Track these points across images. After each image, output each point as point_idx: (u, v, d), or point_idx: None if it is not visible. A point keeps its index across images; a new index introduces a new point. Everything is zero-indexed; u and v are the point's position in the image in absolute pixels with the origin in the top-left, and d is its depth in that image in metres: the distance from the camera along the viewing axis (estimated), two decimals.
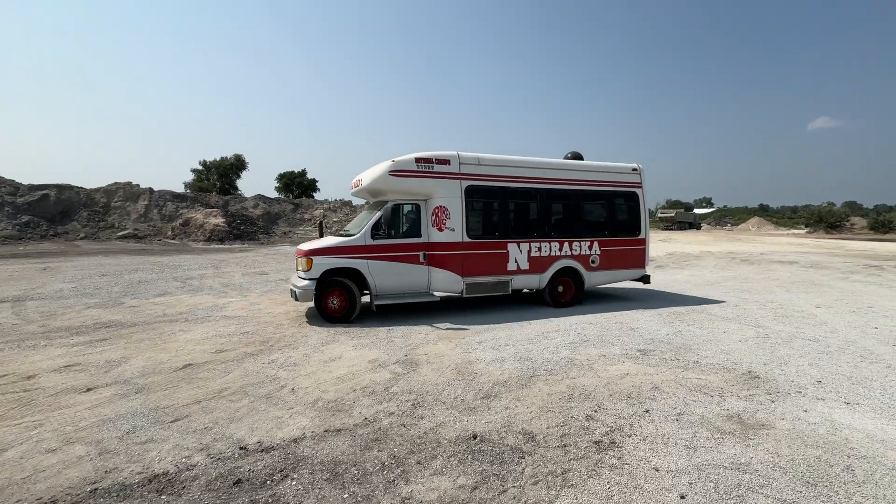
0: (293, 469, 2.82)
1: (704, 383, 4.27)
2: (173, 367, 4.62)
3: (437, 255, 7.08)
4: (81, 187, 24.98)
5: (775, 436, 3.27)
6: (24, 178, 25.89)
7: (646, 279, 8.62)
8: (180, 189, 33.37)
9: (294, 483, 2.68)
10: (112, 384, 4.16)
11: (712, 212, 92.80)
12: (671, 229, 49.71)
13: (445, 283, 7.14)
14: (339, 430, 3.33)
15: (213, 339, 5.68)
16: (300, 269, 6.86)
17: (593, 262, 8.11)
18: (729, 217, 74.89)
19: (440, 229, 7.09)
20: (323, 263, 6.66)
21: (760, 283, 10.91)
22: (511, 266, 7.55)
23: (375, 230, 6.89)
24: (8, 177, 23.48)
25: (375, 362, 4.85)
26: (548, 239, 7.81)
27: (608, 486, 2.67)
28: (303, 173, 46.23)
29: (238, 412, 3.61)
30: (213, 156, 45.16)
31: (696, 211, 78.04)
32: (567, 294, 8.01)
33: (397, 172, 6.97)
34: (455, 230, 7.13)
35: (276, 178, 46.17)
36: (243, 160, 42.62)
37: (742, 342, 5.67)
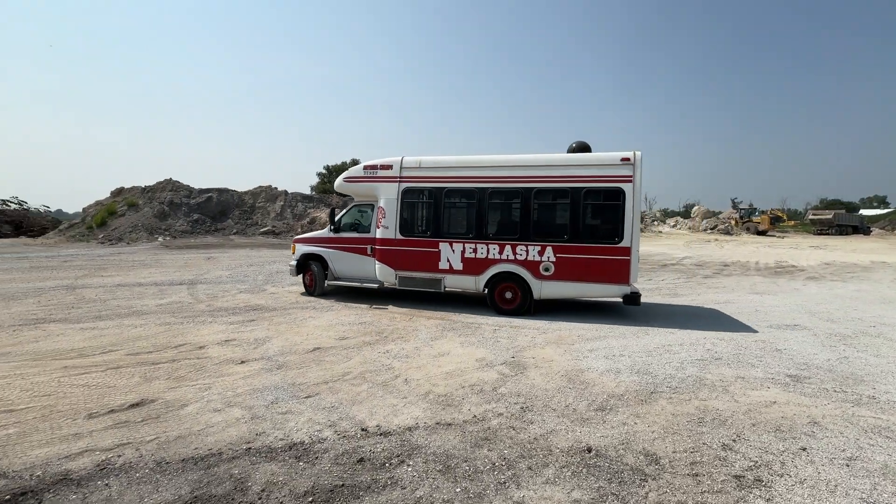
0: (409, 456, 2.98)
1: (886, 424, 3.47)
2: (305, 349, 5.22)
3: (377, 250, 8.03)
4: (235, 190, 29.69)
5: None
6: (196, 183, 31.65)
7: (631, 299, 6.74)
8: (308, 191, 37.75)
9: (410, 469, 2.83)
10: (259, 359, 4.85)
11: (887, 213, 74.90)
12: (826, 233, 41.48)
13: (383, 273, 7.96)
14: (450, 424, 3.43)
15: (336, 327, 6.30)
16: (292, 252, 8.99)
17: (546, 269, 7.11)
18: None
19: (379, 227, 8.00)
20: (300, 249, 8.84)
21: None
22: (443, 265, 7.60)
23: (336, 226, 8.53)
24: (185, 182, 29.00)
25: (483, 361, 4.90)
26: (485, 241, 7.42)
27: None
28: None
29: (359, 396, 3.94)
30: (335, 160, 50.07)
31: (864, 212, 63.89)
32: (514, 302, 7.32)
33: (350, 179, 8.26)
34: (389, 228, 7.88)
35: None
36: (358, 162, 46.47)
37: None
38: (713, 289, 10.34)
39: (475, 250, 7.46)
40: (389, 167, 7.99)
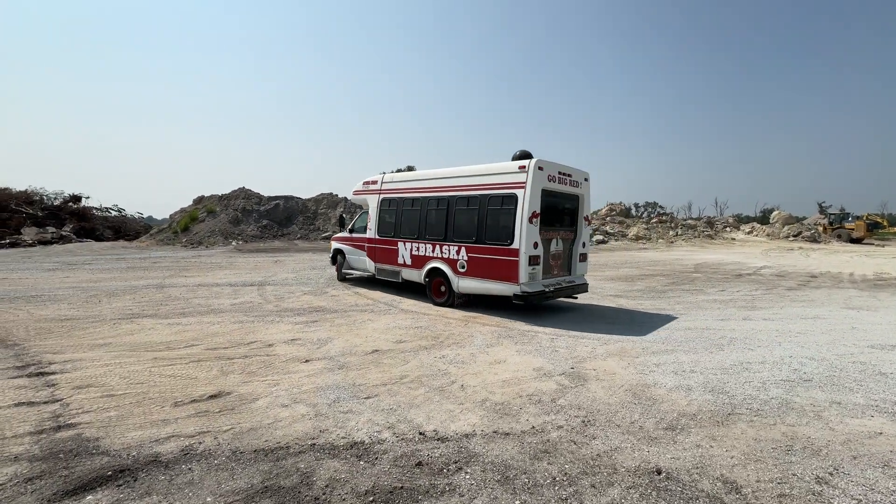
0: (466, 463, 2.96)
1: None
2: (364, 351, 5.39)
3: (366, 247, 10.16)
4: (299, 197, 31.52)
5: None
6: (265, 191, 34.02)
7: (520, 299, 7.15)
8: None
9: (468, 477, 2.81)
10: (322, 359, 5.08)
11: None
12: None
13: (369, 265, 10.08)
14: (508, 433, 3.37)
15: (393, 330, 6.44)
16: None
17: (462, 267, 8.11)
18: None
19: (366, 230, 10.20)
20: (334, 245, 11.55)
21: None
22: (400, 260, 9.25)
23: (350, 228, 11.04)
24: (255, 190, 31.25)
25: (540, 371, 4.78)
26: (424, 241, 8.77)
27: None
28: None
29: (416, 399, 3.99)
30: (391, 166, 51.65)
31: None
32: (445, 294, 8.44)
33: (356, 192, 10.57)
34: (371, 230, 9.99)
35: None
36: (414, 169, 47.68)
37: None
38: (798, 302, 9.37)
39: (418, 248, 8.89)
40: (375, 182, 10.07)
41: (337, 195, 32.60)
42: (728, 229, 40.49)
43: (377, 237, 9.86)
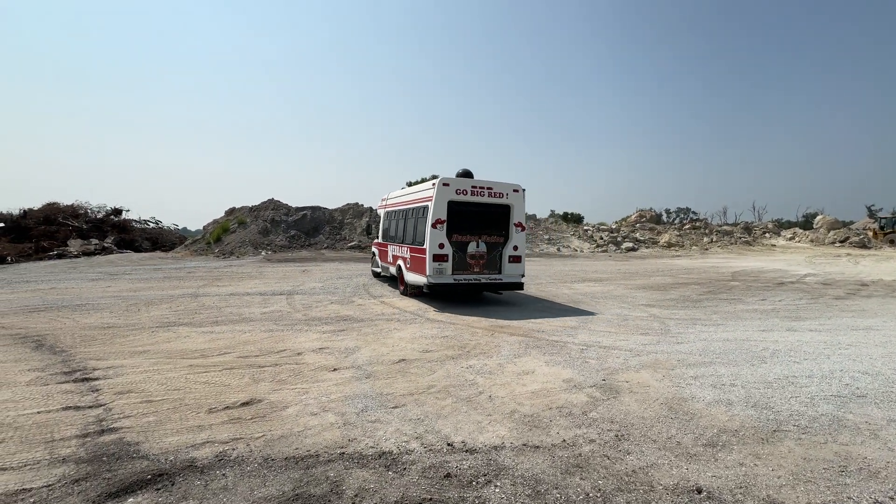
0: (496, 476, 2.93)
1: None
2: (391, 361, 5.43)
3: (378, 250, 13.40)
4: (325, 208, 32.25)
5: None
6: (293, 202, 34.97)
7: (429, 288, 9.24)
8: None
9: (497, 490, 2.78)
10: (349, 368, 5.15)
11: None
12: None
13: (379, 264, 13.13)
14: (538, 446, 3.32)
15: (419, 340, 6.47)
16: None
17: (407, 263, 10.38)
18: None
19: (377, 237, 13.65)
20: (372, 248, 14.19)
21: None
22: (388, 259, 12.00)
23: (375, 235, 14.21)
24: (284, 201, 32.21)
25: (570, 382, 4.70)
26: (396, 244, 11.40)
27: None
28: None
29: (443, 410, 3.98)
30: (416, 176, 52.24)
31: None
32: (403, 284, 10.78)
33: (378, 206, 13.94)
34: (379, 237, 13.27)
35: None
36: (470, 172, 48.08)
37: None
38: (848, 312, 8.87)
39: (394, 250, 11.54)
40: (385, 199, 13.19)
41: (362, 205, 33.19)
42: (767, 235, 38.87)
43: (381, 241, 13.03)
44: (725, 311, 9.06)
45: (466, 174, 10.25)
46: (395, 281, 11.99)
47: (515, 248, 9.90)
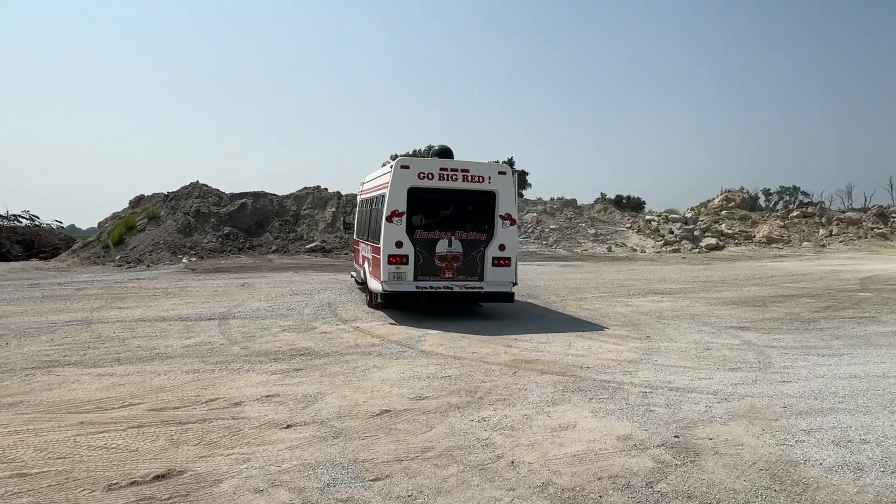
0: None
1: None
2: (370, 412, 5.44)
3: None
4: (274, 194, 32.43)
5: None
6: (227, 187, 35.09)
7: (383, 299, 10.53)
8: None
9: None
10: (310, 423, 5.15)
11: None
12: None
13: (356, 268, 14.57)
14: None
15: (410, 382, 6.49)
16: None
17: (370, 267, 11.54)
18: None
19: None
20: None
21: None
22: (359, 260, 13.43)
23: (353, 229, 16.33)
24: (213, 185, 32.39)
25: (628, 440, 4.71)
26: (363, 240, 12.95)
27: None
28: (510, 164, 49.18)
29: (446, 482, 3.99)
30: (403, 149, 52.46)
31: None
32: (370, 294, 12.03)
33: (359, 192, 15.65)
34: (354, 232, 15.83)
35: None
36: (449, 150, 48.26)
37: None
38: None
39: (363, 249, 13.11)
40: (363, 182, 14.60)
41: (327, 190, 33.32)
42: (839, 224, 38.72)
43: (355, 238, 14.46)
44: (852, 336, 9.06)
45: (444, 153, 11.08)
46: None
47: (502, 247, 10.51)
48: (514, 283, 11.00)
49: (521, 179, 49.33)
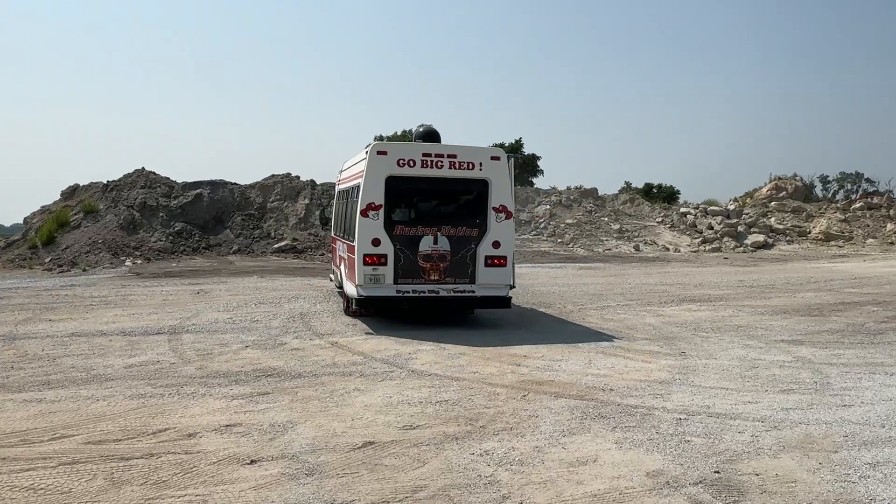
0: None
1: None
2: (350, 445, 5.42)
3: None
4: (235, 183, 32.38)
5: None
6: (178, 175, 35.09)
7: (359, 305, 11.04)
8: None
9: None
10: (278, 458, 5.14)
11: None
12: None
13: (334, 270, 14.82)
14: None
15: (398, 408, 6.47)
16: None
17: (346, 268, 11.81)
18: None
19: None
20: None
21: None
22: (336, 261, 13.83)
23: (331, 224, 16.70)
24: (163, 174, 32.29)
25: (659, 477, 4.72)
26: (340, 238, 13.30)
27: None
28: (517, 147, 49.24)
29: None
30: (390, 129, 52.46)
31: None
32: (347, 300, 12.33)
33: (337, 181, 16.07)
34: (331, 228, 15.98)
35: None
36: (435, 132, 48.27)
37: None
38: None
39: (340, 248, 13.37)
40: (342, 169, 14.66)
41: (299, 178, 33.32)
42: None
43: (333, 234, 14.99)
44: None
45: (428, 136, 11.47)
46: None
47: (497, 244, 10.73)
48: (511, 286, 11.10)
49: (532, 165, 49.44)
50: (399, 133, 49.50)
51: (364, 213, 10.24)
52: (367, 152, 10.62)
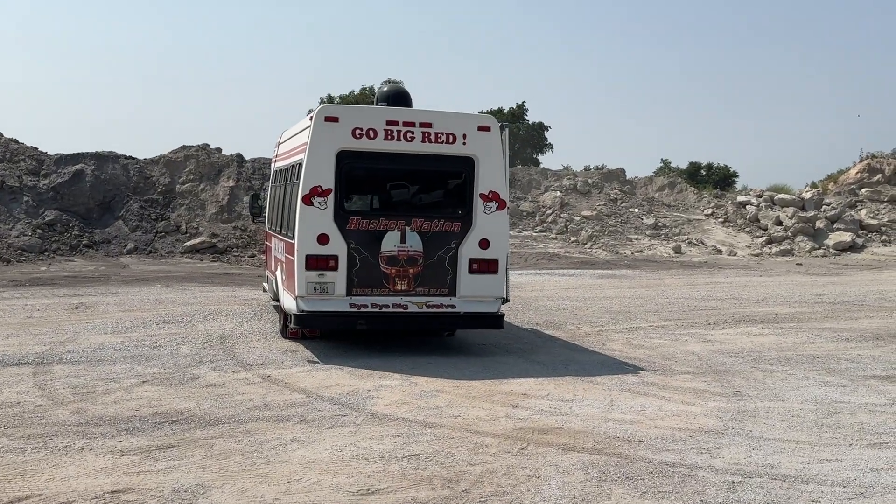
0: None
1: None
2: None
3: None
4: (132, 157, 32.11)
5: None
6: (51, 146, 34.80)
7: (298, 323, 10.99)
8: None
9: None
10: None
11: None
12: None
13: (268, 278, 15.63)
14: None
15: (352, 465, 6.42)
16: None
17: (283, 274, 12.20)
18: None
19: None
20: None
21: None
22: (271, 264, 14.54)
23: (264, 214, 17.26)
24: (28, 143, 31.92)
25: None
26: (275, 234, 14.06)
27: None
28: (519, 114, 49.35)
29: None
30: (343, 88, 52.32)
31: None
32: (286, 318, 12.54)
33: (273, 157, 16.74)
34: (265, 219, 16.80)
35: None
36: (404, 93, 48.43)
37: None
38: None
39: (275, 247, 13.94)
40: (279, 141, 15.36)
41: (220, 151, 33.11)
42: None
43: (266, 230, 16.01)
44: None
45: (396, 97, 11.66)
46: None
47: (485, 242, 10.67)
48: (505, 300, 11.05)
49: (538, 137, 49.73)
50: (356, 92, 49.67)
51: (307, 201, 10.12)
52: (311, 118, 10.52)
